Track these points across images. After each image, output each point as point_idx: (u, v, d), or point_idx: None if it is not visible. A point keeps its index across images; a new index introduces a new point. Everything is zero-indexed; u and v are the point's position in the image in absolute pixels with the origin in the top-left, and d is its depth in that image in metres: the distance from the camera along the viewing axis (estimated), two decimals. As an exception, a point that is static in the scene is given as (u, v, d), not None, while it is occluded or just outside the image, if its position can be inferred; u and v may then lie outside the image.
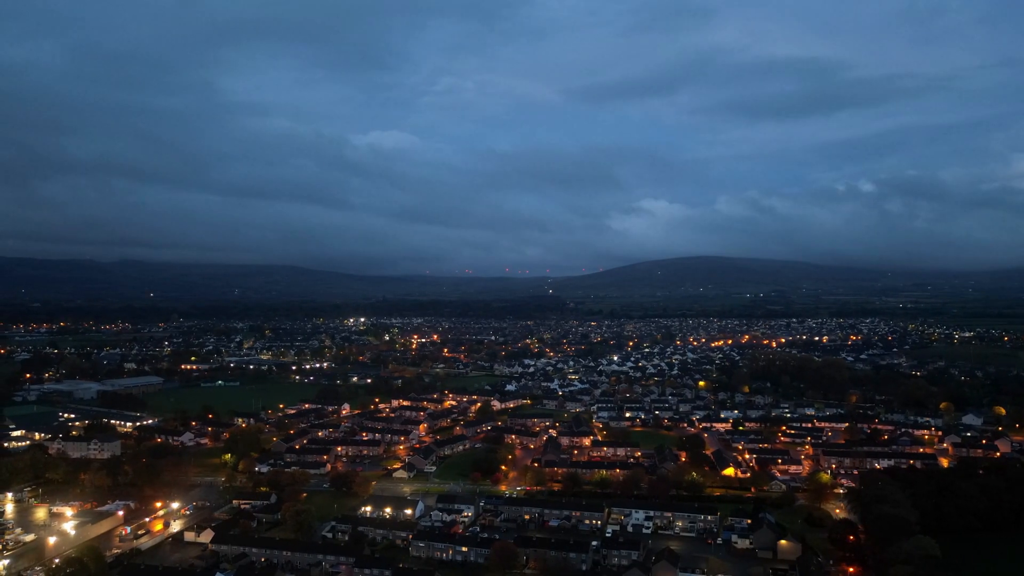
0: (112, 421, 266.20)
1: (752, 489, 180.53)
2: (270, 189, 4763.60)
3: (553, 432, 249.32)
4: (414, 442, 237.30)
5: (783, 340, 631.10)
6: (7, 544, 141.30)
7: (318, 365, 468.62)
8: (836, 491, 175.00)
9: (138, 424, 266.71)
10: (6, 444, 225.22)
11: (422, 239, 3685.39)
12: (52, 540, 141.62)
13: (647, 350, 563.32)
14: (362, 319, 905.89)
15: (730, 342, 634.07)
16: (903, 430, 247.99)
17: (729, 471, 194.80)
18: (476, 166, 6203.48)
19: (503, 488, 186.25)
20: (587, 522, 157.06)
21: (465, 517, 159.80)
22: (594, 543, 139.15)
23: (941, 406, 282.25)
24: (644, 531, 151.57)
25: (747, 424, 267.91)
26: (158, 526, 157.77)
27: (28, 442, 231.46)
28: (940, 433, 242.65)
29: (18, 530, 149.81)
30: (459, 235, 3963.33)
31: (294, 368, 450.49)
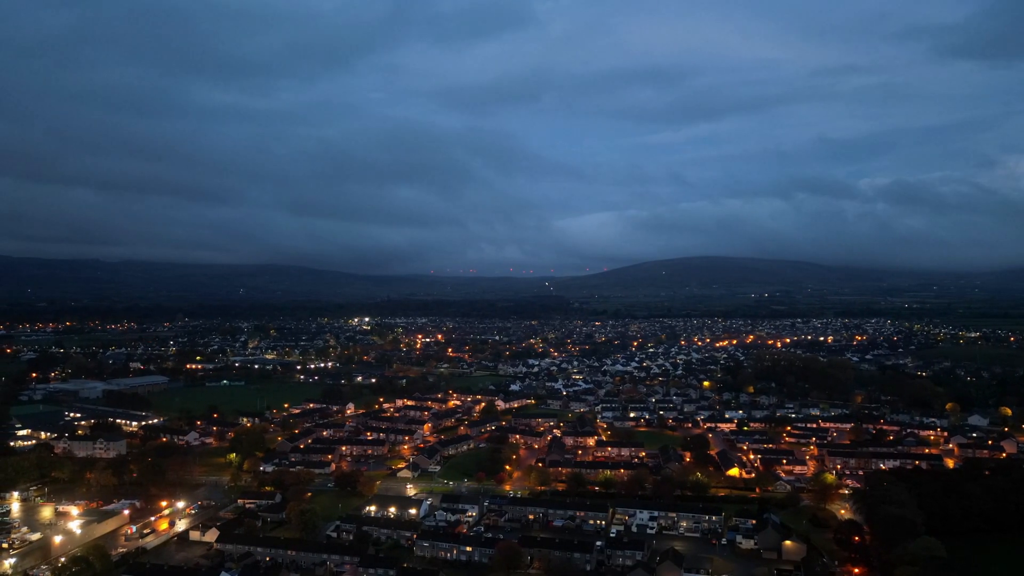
0: (118, 420, 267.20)
1: (757, 489, 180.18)
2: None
3: (557, 432, 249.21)
4: (418, 442, 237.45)
5: (788, 340, 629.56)
6: (13, 543, 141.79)
7: (323, 365, 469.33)
8: (841, 492, 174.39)
9: (143, 423, 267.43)
10: (12, 443, 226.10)
11: (320, 232, 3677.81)
12: (58, 539, 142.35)
13: (651, 350, 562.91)
14: (366, 319, 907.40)
15: (735, 342, 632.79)
16: (908, 431, 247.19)
17: (734, 471, 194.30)
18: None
19: (507, 488, 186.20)
20: (591, 522, 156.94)
21: (469, 517, 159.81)
22: (598, 543, 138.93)
23: (947, 407, 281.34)
24: (648, 531, 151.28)
25: (752, 424, 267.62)
26: (163, 525, 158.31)
27: (34, 441, 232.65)
28: (946, 434, 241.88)
29: (24, 529, 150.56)
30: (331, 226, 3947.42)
31: (299, 368, 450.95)
